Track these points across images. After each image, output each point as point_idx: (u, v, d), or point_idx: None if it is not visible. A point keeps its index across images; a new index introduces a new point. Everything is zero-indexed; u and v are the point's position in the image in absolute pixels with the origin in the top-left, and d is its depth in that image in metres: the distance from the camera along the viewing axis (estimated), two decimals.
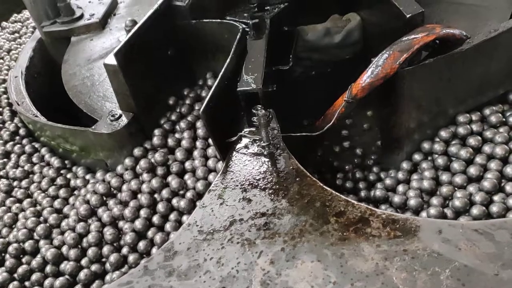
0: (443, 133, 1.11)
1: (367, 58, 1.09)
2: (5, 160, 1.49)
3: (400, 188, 1.07)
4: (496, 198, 0.95)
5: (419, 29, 1.04)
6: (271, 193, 0.90)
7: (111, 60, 1.14)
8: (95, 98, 1.45)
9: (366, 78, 1.02)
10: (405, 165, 1.12)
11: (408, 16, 1.09)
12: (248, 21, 1.27)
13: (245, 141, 1.03)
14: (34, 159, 1.47)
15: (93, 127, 1.22)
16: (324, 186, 0.89)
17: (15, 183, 1.40)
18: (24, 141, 1.55)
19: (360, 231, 0.79)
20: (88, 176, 1.33)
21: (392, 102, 1.10)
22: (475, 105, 1.14)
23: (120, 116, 1.21)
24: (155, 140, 1.23)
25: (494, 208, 0.92)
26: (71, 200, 1.28)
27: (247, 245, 0.82)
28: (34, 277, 1.11)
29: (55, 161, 1.41)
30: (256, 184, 0.93)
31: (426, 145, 1.12)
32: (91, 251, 1.10)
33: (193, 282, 0.78)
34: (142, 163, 1.18)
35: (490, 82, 1.12)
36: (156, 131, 1.25)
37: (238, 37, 1.20)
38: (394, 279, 0.71)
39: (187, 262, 0.81)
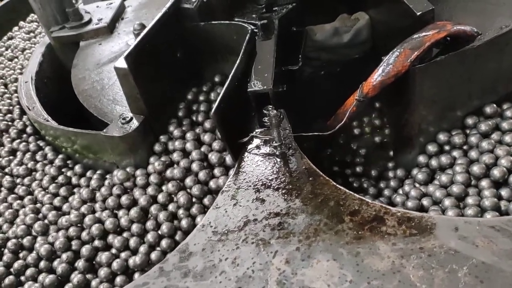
0: (454, 134, 1.11)
1: (376, 57, 1.09)
2: (10, 157, 1.51)
3: (407, 187, 1.07)
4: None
5: (429, 26, 1.04)
6: (285, 193, 0.90)
7: (122, 63, 1.14)
8: (105, 101, 1.46)
9: (377, 76, 1.02)
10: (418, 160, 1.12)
11: (418, 13, 1.09)
12: (257, 22, 1.28)
13: (256, 141, 1.03)
14: (38, 157, 1.48)
15: (104, 130, 1.22)
16: (338, 185, 0.89)
17: (18, 180, 1.42)
18: (30, 139, 1.57)
19: (375, 230, 0.79)
20: (88, 173, 1.35)
21: (403, 100, 1.10)
22: (489, 101, 1.13)
23: (131, 119, 1.22)
24: (165, 144, 1.24)
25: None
26: (71, 198, 1.29)
27: (262, 245, 0.82)
28: (29, 272, 1.13)
29: (57, 160, 1.43)
30: (269, 184, 0.93)
31: (438, 140, 1.12)
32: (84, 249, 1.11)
33: (209, 283, 0.78)
34: (152, 177, 1.19)
35: (503, 77, 1.11)
36: (165, 135, 1.26)
37: (247, 38, 1.20)
38: (411, 277, 0.71)
39: (202, 263, 0.81)
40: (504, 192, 0.94)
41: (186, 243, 0.86)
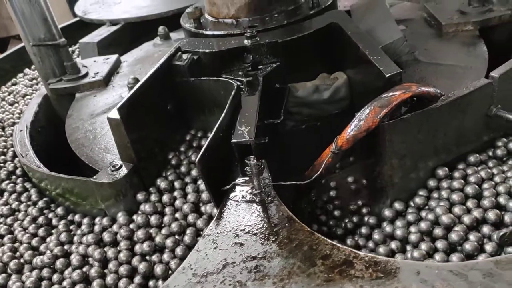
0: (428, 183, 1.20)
1: (353, 113, 1.18)
2: None
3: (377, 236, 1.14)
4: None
5: (397, 87, 1.14)
6: (262, 238, 0.96)
7: (114, 114, 1.22)
8: (96, 150, 1.53)
9: (350, 131, 1.10)
10: (387, 213, 1.19)
11: (387, 75, 1.19)
12: (243, 79, 1.36)
13: (238, 189, 1.10)
14: (22, 199, 1.55)
15: (94, 177, 1.28)
16: (312, 231, 0.94)
17: (1, 220, 1.48)
18: (18, 180, 1.64)
19: (344, 273, 0.84)
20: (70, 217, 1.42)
21: (375, 153, 1.18)
22: (454, 156, 1.22)
23: (121, 166, 1.28)
24: (154, 191, 1.30)
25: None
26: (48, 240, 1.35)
27: (239, 287, 0.86)
28: None
29: (40, 202, 1.50)
30: (248, 229, 0.99)
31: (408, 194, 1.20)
32: None
33: None
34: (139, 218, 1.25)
35: (466, 135, 1.21)
36: (156, 181, 1.32)
37: (233, 93, 1.29)
38: None
39: None
40: (440, 244, 1.04)
41: (167, 285, 0.90)
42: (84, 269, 1.19)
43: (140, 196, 1.29)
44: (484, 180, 1.15)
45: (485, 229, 1.04)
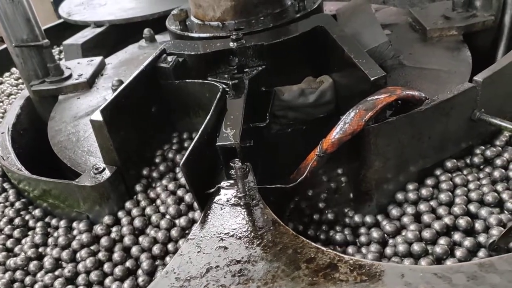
0: (410, 187, 1.20)
1: (339, 116, 1.18)
2: None
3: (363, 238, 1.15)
4: None
5: (382, 90, 1.14)
6: (247, 241, 0.95)
7: (97, 116, 1.21)
8: (79, 153, 1.50)
9: (335, 134, 1.10)
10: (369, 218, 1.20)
11: (372, 79, 1.19)
12: (228, 82, 1.36)
13: (223, 192, 1.09)
14: (0, 199, 1.53)
15: (77, 180, 1.26)
16: (296, 234, 0.94)
17: None
18: None
19: (329, 276, 0.83)
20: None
21: (360, 157, 1.18)
22: (438, 159, 1.23)
23: (104, 169, 1.26)
24: (138, 196, 1.29)
25: None
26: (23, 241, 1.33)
27: None
28: None
29: (17, 203, 1.48)
30: (233, 233, 0.98)
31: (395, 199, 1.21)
32: None
33: None
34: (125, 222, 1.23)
35: (450, 138, 1.22)
36: (138, 187, 1.31)
37: (218, 96, 1.28)
38: None
39: None
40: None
41: None
42: (57, 273, 1.18)
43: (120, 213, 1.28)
44: (457, 186, 1.17)
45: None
